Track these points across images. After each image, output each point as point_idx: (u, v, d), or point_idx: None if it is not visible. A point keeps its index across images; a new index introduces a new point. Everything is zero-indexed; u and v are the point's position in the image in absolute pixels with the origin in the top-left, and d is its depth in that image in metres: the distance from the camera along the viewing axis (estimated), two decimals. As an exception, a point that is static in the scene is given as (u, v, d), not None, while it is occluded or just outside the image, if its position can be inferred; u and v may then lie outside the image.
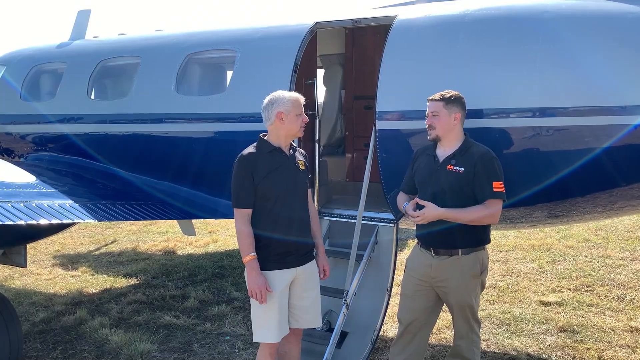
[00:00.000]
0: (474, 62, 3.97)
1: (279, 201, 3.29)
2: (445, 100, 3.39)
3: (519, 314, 5.47)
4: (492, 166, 3.33)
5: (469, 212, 3.28)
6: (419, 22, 4.34)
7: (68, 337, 5.19)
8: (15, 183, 4.53)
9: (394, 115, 4.22)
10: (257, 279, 3.21)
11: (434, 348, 4.75)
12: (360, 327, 4.27)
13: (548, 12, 3.90)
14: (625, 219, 9.22)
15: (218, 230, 9.96)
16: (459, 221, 3.29)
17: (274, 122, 3.32)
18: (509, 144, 3.88)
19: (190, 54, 5.40)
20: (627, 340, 4.84)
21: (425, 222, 3.33)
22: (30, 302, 6.18)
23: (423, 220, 3.32)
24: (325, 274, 3.58)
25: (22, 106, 6.51)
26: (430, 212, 3.28)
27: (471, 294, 3.41)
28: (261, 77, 4.87)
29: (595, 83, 3.67)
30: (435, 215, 3.28)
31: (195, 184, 5.32)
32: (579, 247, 7.96)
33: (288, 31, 4.98)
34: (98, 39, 6.70)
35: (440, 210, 3.27)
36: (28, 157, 6.54)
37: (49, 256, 8.32)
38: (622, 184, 3.87)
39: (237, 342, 4.98)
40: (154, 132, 5.47)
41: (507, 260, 7.42)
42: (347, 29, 6.26)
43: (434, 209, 3.28)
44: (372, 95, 4.39)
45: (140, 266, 7.67)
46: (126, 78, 5.88)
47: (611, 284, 6.32)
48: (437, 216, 3.28)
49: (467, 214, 3.28)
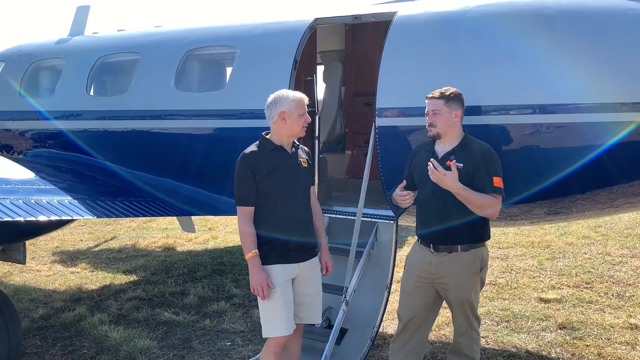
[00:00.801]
0: (474, 59, 3.96)
1: (281, 199, 3.30)
2: (446, 97, 3.38)
3: (519, 310, 5.47)
4: (492, 162, 3.33)
5: (481, 197, 3.25)
6: (419, 19, 4.33)
7: (67, 334, 5.19)
8: (14, 179, 4.52)
9: (394, 112, 4.21)
10: (259, 275, 3.23)
11: (433, 345, 4.75)
12: (359, 324, 4.27)
13: (549, 9, 3.89)
14: (625, 216, 9.23)
15: (218, 227, 9.96)
16: (468, 201, 3.24)
17: (276, 121, 3.32)
18: (509, 141, 3.87)
19: (190, 50, 5.38)
20: (626, 337, 4.84)
21: (441, 182, 3.22)
22: (30, 299, 6.18)
23: (441, 177, 3.20)
24: (328, 270, 3.59)
25: (21, 102, 6.49)
26: (449, 178, 3.18)
27: (471, 290, 3.41)
28: (261, 74, 4.86)
29: (601, 80, 3.66)
30: (452, 187, 3.21)
31: (195, 181, 5.32)
32: (579, 244, 7.97)
33: (288, 27, 4.97)
34: (97, 35, 6.68)
35: (459, 184, 3.20)
36: (27, 154, 6.53)
37: (49, 253, 8.32)
38: (622, 181, 3.87)
39: (236, 339, 4.98)
40: (153, 128, 5.46)
41: (506, 257, 7.42)
42: (347, 25, 6.24)
43: (455, 180, 3.19)
44: (372, 92, 4.38)
45: (140, 263, 7.67)
46: (125, 74, 5.86)
47: (610, 281, 6.33)
48: (453, 187, 3.21)
49: (478, 198, 3.24)
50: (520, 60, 3.84)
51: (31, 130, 6.49)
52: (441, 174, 3.21)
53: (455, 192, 3.24)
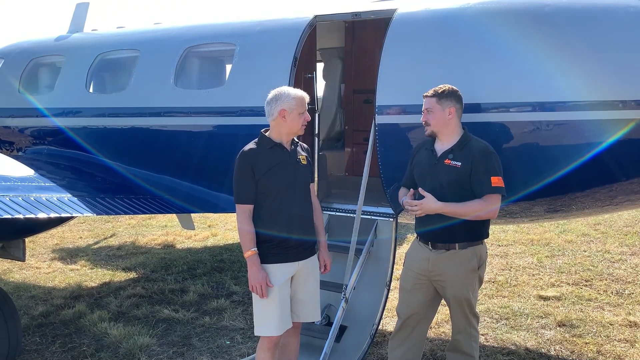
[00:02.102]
0: (474, 56, 3.96)
1: (280, 197, 3.30)
2: (438, 95, 3.37)
3: (518, 308, 5.48)
4: (491, 161, 3.31)
5: (467, 206, 3.27)
6: (419, 16, 4.32)
7: (67, 331, 5.20)
8: (13, 177, 4.52)
9: (393, 109, 4.21)
10: (258, 274, 3.23)
11: (432, 342, 4.75)
12: (359, 321, 4.27)
13: (549, 6, 3.88)
14: (625, 214, 9.24)
15: (217, 224, 9.96)
16: (457, 216, 3.28)
17: (276, 118, 3.31)
18: (508, 138, 3.87)
19: (189, 47, 5.37)
20: (625, 334, 4.85)
21: (423, 213, 3.31)
22: (30, 296, 6.18)
23: (421, 211, 3.30)
24: (326, 268, 3.59)
25: (21, 99, 6.49)
26: (429, 203, 3.26)
27: (468, 288, 3.41)
28: (260, 71, 4.85)
29: (601, 77, 3.65)
30: (434, 209, 3.27)
31: (194, 178, 5.31)
32: (578, 241, 7.97)
33: (287, 24, 4.96)
34: (96, 32, 6.67)
35: (439, 204, 3.25)
36: (26, 151, 6.53)
37: (48, 250, 8.32)
38: (621, 179, 3.87)
39: (236, 336, 4.99)
40: (153, 125, 5.45)
41: (506, 254, 7.42)
42: (347, 22, 6.23)
43: (433, 202, 3.26)
44: (372, 89, 4.37)
45: (140, 260, 7.68)
46: (125, 71, 5.85)
47: (610, 279, 6.33)
48: (435, 209, 3.27)
49: (465, 209, 3.27)
50: (520, 58, 3.83)
51: (30, 127, 6.48)
52: (418, 205, 3.26)
53: (441, 212, 3.27)
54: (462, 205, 3.27)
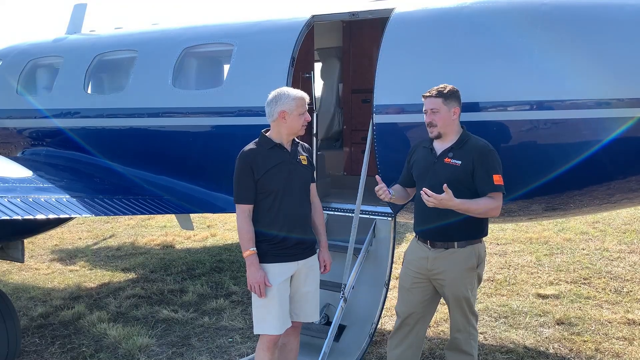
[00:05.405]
0: (472, 55, 3.96)
1: (279, 197, 3.30)
2: (444, 95, 3.37)
3: (517, 306, 5.49)
4: (491, 159, 3.32)
5: (478, 203, 3.26)
6: (417, 15, 4.33)
7: (66, 332, 5.20)
8: (12, 178, 4.52)
9: (391, 108, 4.21)
10: (257, 273, 3.24)
11: (431, 341, 4.76)
12: (358, 320, 4.28)
13: (547, 5, 3.89)
14: (623, 212, 9.25)
15: (216, 224, 9.96)
16: (469, 213, 3.26)
17: (276, 119, 3.32)
18: (507, 137, 3.88)
19: (187, 47, 5.38)
20: (624, 332, 4.86)
21: (440, 206, 3.20)
22: (29, 297, 6.18)
23: (433, 204, 3.19)
24: (326, 268, 3.59)
25: (19, 100, 6.49)
26: (451, 199, 3.16)
27: (467, 286, 3.41)
28: (258, 71, 4.85)
29: (599, 76, 3.66)
30: (450, 205, 3.20)
31: (193, 178, 5.32)
32: (577, 239, 7.98)
33: (285, 24, 4.96)
34: (94, 33, 6.67)
35: (457, 200, 3.19)
36: (25, 152, 6.53)
37: (47, 251, 8.32)
38: (619, 177, 3.87)
39: (235, 336, 4.99)
40: (151, 126, 5.46)
41: (504, 253, 7.43)
42: (345, 22, 6.24)
43: (451, 199, 3.17)
44: (370, 88, 4.38)
45: (139, 260, 7.68)
46: (123, 72, 5.86)
47: (608, 277, 6.34)
48: (452, 205, 3.20)
49: (477, 206, 3.26)
50: (518, 57, 3.83)
51: (29, 128, 6.48)
52: (437, 199, 3.18)
53: (456, 209, 3.23)
54: (474, 203, 3.26)
